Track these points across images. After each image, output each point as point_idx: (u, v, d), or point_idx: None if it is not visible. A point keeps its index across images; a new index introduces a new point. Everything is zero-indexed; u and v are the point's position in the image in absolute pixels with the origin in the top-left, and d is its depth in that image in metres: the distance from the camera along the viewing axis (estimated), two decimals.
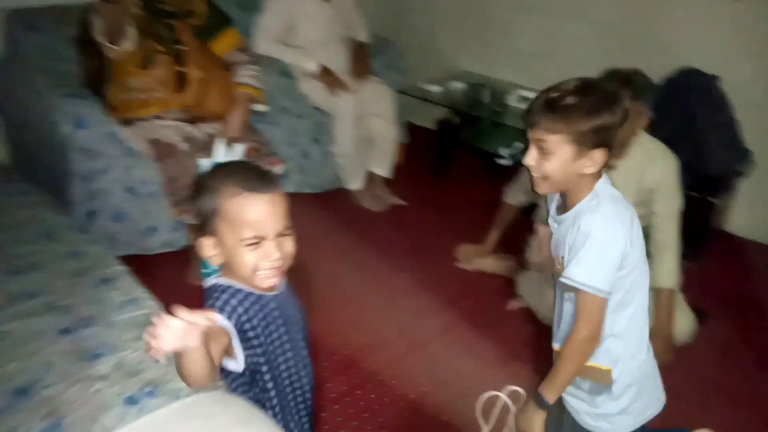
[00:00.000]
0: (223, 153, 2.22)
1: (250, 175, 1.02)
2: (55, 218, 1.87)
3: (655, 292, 2.11)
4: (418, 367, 2.05)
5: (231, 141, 2.27)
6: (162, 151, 2.23)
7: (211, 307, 1.00)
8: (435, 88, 3.26)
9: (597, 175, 1.23)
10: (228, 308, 1.00)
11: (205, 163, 2.18)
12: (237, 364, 1.04)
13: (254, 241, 0.99)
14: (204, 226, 1.02)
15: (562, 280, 1.22)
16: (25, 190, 2.03)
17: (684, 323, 2.14)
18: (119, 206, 2.27)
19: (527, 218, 2.43)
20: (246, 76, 2.44)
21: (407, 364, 2.06)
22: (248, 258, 0.99)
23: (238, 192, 0.99)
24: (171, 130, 2.29)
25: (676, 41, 2.86)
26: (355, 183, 2.97)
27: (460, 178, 3.32)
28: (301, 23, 2.88)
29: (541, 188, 1.26)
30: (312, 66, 2.82)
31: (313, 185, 2.92)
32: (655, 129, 2.65)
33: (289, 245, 1.04)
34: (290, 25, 2.88)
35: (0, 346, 1.31)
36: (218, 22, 2.46)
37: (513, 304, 2.35)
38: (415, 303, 2.37)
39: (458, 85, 3.26)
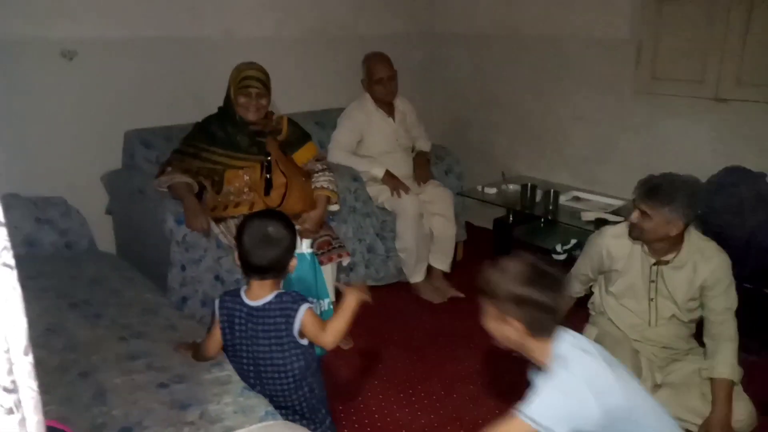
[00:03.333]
0: (300, 246, 2.52)
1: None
2: (155, 298, 2.18)
3: (712, 383, 2.15)
4: None
5: (307, 236, 2.59)
6: None
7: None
8: (491, 191, 3.52)
9: (544, 340, 1.31)
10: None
11: None
12: None
13: None
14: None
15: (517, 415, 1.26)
16: (131, 276, 2.39)
17: (743, 413, 2.14)
18: (208, 292, 2.58)
19: (582, 308, 2.55)
20: (323, 180, 2.79)
21: None
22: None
23: None
24: None
25: (720, 147, 3.03)
26: (416, 276, 3.19)
27: None
28: (369, 136, 3.28)
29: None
30: (378, 172, 3.16)
31: (376, 278, 3.16)
32: (705, 224, 2.77)
33: None
34: (360, 138, 3.28)
35: (110, 395, 1.57)
36: (299, 137, 2.87)
37: None
38: (470, 389, 2.48)
39: (513, 188, 3.50)
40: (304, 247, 2.50)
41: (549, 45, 3.62)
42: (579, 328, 2.53)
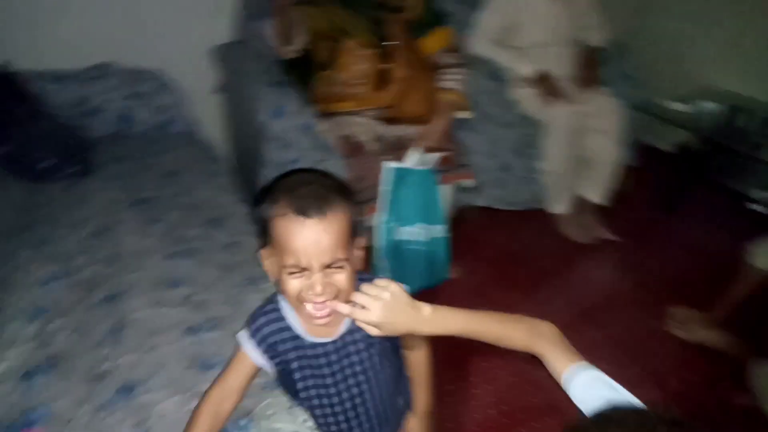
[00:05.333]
0: (415, 159, 2.06)
1: (307, 194, 0.85)
2: (229, 205, 1.86)
3: None
4: None
5: (427, 149, 2.09)
6: (351, 148, 2.14)
7: (248, 325, 0.97)
8: (679, 107, 2.70)
9: None
10: (258, 336, 0.95)
11: (391, 166, 2.05)
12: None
13: (295, 270, 0.85)
14: (263, 234, 0.90)
15: None
16: (214, 171, 2.08)
17: None
18: None
19: None
20: (452, 80, 2.22)
21: None
22: (292, 285, 0.86)
23: (286, 212, 0.84)
24: (363, 128, 2.18)
25: None
26: (559, 206, 2.58)
27: (696, 218, 2.71)
28: (525, 23, 2.57)
29: None
30: (528, 70, 2.49)
31: (509, 202, 2.61)
32: None
33: (341, 279, 0.86)
34: (512, 25, 2.58)
35: (126, 333, 1.28)
36: (432, 18, 2.27)
37: (739, 399, 1.79)
38: (605, 366, 1.93)
39: (710, 106, 2.65)
40: (424, 163, 2.04)
41: None
42: None
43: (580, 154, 2.54)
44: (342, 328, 0.95)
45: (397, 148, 2.13)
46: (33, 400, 1.12)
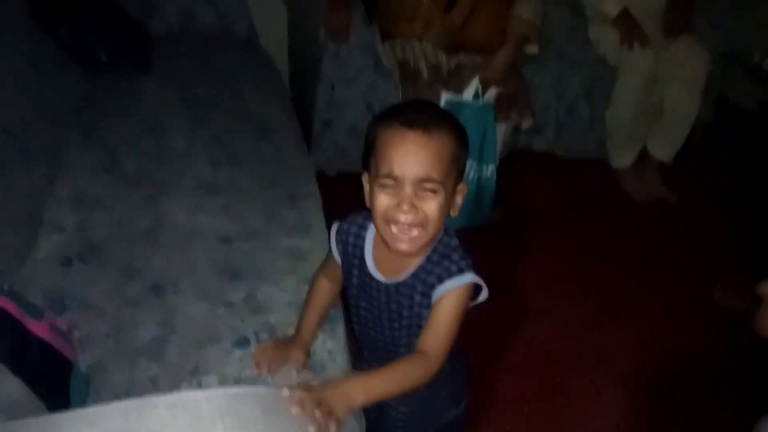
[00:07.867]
0: (472, 92, 1.97)
1: (418, 110, 0.87)
2: (280, 117, 1.83)
3: None
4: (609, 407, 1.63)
5: (487, 81, 1.98)
6: (406, 74, 2.05)
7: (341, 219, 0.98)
8: None
9: None
10: (341, 234, 0.97)
11: (446, 97, 1.96)
12: None
13: (388, 180, 0.82)
14: (367, 155, 0.89)
15: None
16: (270, 82, 2.06)
17: None
18: (354, 121, 2.18)
19: None
20: (525, 9, 2.07)
21: (600, 401, 1.65)
22: (381, 200, 0.84)
23: (393, 123, 0.84)
24: (421, 53, 2.08)
25: None
26: (621, 159, 2.45)
27: None
28: None
29: None
30: (613, 8, 2.30)
31: (567, 148, 2.49)
32: None
33: (431, 207, 0.83)
34: None
35: (163, 233, 1.30)
36: None
37: None
38: (638, 327, 1.88)
39: None
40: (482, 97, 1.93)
41: None
42: None
43: (653, 104, 2.38)
44: (407, 273, 0.90)
45: (456, 78, 2.03)
46: (69, 285, 1.16)
